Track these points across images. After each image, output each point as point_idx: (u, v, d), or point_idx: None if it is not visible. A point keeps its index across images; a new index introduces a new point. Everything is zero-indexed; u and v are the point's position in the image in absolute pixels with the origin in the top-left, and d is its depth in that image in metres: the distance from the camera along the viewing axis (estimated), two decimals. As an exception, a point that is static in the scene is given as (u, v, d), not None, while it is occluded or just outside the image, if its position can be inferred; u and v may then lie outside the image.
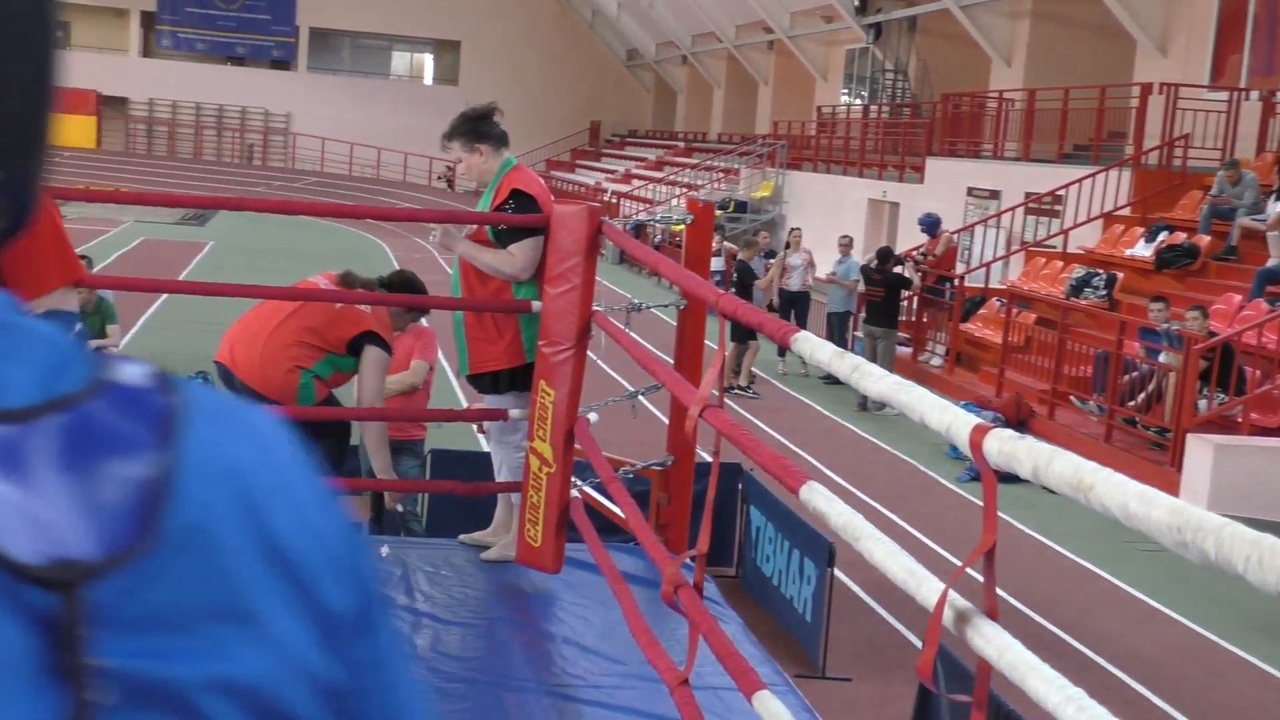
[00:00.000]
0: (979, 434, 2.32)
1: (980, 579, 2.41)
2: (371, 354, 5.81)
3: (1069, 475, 1.98)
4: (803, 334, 3.50)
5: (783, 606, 8.37)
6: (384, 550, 5.83)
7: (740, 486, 9.23)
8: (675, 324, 5.72)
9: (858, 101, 35.10)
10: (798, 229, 20.42)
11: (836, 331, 18.41)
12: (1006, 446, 2.24)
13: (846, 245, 18.78)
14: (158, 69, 50.64)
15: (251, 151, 50.52)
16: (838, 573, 7.98)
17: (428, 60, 55.11)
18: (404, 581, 5.54)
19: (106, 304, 12.15)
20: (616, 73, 53.71)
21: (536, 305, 5.61)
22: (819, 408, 15.98)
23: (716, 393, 3.82)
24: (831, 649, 7.74)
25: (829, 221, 27.99)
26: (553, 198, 5.87)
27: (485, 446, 7.37)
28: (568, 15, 52.86)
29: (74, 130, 48.15)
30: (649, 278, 27.42)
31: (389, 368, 6.18)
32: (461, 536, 6.21)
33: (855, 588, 9.14)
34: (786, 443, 13.69)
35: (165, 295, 18.13)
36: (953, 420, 2.49)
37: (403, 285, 6.21)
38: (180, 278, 22.40)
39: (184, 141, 50.45)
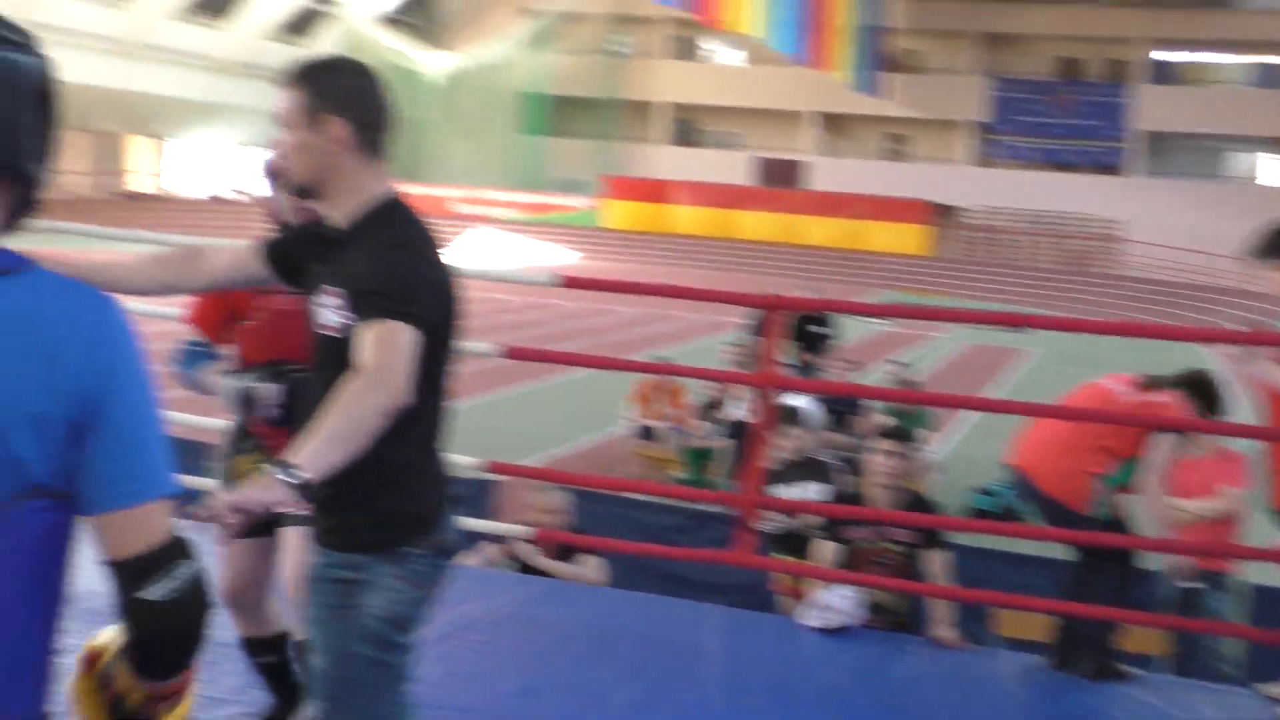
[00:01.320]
0: None
1: None
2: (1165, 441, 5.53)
3: None
4: None
5: None
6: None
7: None
8: None
9: None
10: None
11: None
12: None
13: None
14: (988, 177, 52.07)
15: (1080, 259, 50.32)
16: None
17: (1268, 160, 52.38)
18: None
19: (923, 409, 12.51)
20: None
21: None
22: None
23: None
24: None
25: None
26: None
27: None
28: None
29: (906, 238, 50.40)
30: None
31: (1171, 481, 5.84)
32: (1260, 686, 5.74)
33: None
34: None
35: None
36: None
37: (1195, 386, 5.84)
38: (1001, 387, 22.73)
39: (1012, 249, 51.23)
